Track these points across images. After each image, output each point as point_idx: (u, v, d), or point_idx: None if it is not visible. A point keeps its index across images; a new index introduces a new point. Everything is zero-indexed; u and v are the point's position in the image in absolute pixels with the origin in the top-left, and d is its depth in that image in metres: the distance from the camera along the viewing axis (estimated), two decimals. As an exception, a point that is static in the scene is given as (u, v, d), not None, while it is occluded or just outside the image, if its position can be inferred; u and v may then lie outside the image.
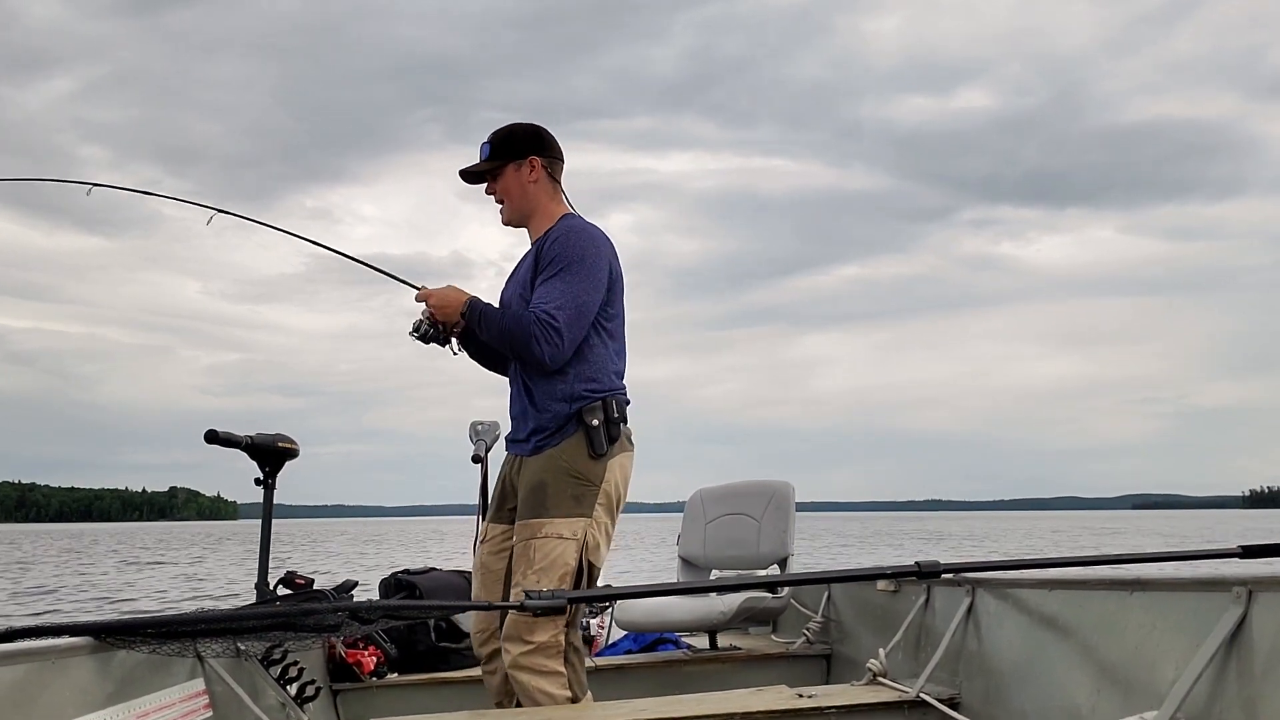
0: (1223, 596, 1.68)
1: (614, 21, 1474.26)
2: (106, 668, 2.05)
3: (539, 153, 2.80)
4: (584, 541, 2.60)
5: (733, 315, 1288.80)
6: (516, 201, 2.82)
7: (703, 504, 4.31)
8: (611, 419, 2.66)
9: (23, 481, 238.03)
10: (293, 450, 3.28)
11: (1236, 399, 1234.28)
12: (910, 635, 2.94)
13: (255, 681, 2.67)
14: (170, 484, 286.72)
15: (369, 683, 3.40)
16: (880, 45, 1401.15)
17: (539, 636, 2.55)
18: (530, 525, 2.62)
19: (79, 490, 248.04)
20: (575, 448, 2.64)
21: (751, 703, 2.51)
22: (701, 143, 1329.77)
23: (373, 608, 2.32)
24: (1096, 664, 2.04)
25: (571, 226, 2.72)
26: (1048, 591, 2.30)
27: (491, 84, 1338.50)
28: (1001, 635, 2.48)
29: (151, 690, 2.17)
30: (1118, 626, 1.99)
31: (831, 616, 3.81)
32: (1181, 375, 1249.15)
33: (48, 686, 1.85)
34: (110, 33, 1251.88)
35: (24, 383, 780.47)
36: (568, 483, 2.62)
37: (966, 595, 2.65)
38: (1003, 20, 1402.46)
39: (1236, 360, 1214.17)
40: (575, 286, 2.61)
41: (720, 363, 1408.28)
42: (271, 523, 3.27)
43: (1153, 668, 1.84)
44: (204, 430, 2.99)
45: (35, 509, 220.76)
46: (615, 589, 3.24)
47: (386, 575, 3.85)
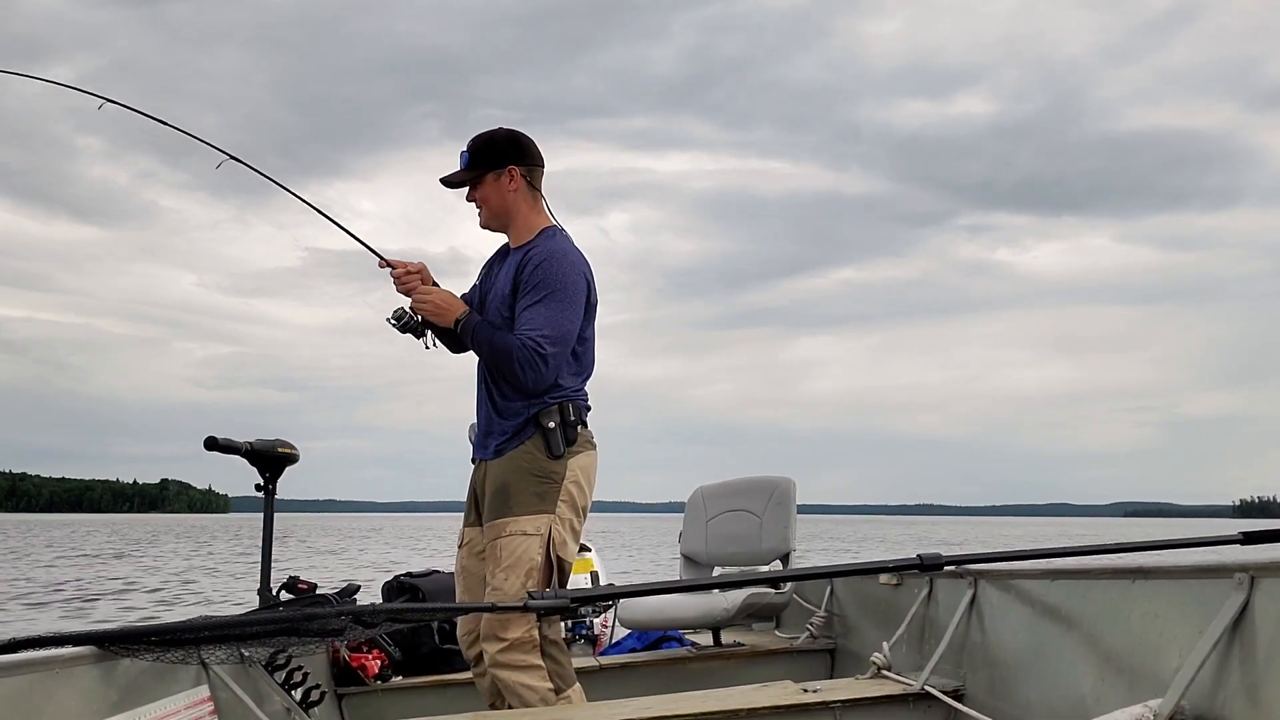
0: (1225, 583, 1.68)
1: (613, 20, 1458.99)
2: (110, 676, 2.05)
3: (518, 161, 2.85)
4: (549, 537, 2.68)
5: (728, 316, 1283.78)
6: (495, 210, 2.88)
7: (704, 501, 4.32)
8: (568, 421, 2.75)
9: (13, 471, 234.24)
10: (292, 456, 3.29)
11: (1227, 409, 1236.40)
12: (914, 628, 2.94)
13: (260, 687, 2.67)
14: (161, 476, 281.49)
15: (373, 686, 3.41)
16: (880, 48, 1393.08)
17: (512, 633, 2.62)
18: (495, 525, 2.72)
19: (69, 481, 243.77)
20: (533, 449, 2.73)
21: (756, 698, 2.51)
22: (699, 143, 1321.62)
23: (376, 611, 2.33)
24: (1100, 653, 2.04)
25: (554, 251, 2.77)
26: (1050, 581, 2.31)
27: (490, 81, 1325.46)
28: (1005, 626, 2.48)
29: (156, 698, 2.17)
30: (1121, 615, 1.99)
31: (835, 611, 3.81)
32: (1173, 384, 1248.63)
33: (52, 696, 1.85)
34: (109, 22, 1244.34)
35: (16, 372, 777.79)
36: (529, 481, 2.71)
37: (969, 587, 2.65)
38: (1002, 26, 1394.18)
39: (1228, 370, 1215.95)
40: (559, 315, 2.70)
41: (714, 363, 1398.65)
42: (273, 528, 3.27)
43: (1156, 656, 1.84)
44: (201, 432, 3.03)
45: (26, 499, 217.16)
46: (618, 588, 3.25)
47: (389, 579, 3.86)
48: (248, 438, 3.19)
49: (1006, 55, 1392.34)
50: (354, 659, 3.40)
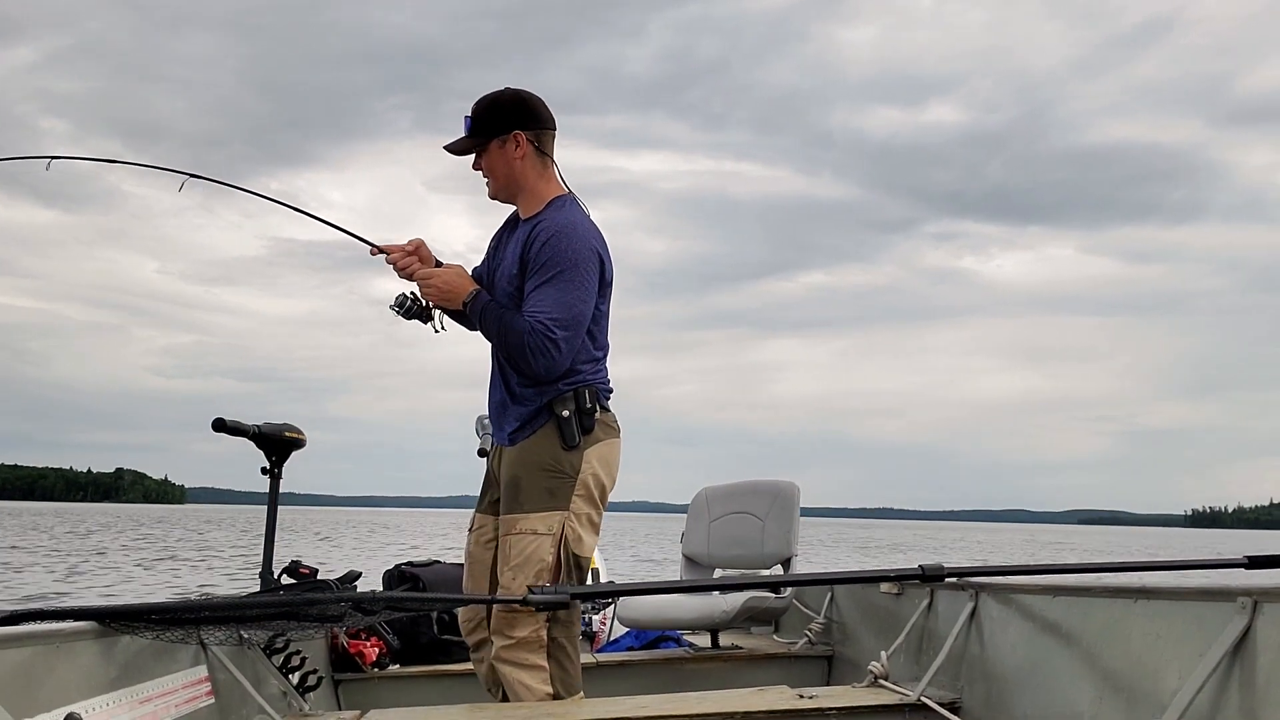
0: (1227, 607, 1.67)
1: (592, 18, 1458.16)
2: (110, 652, 2.06)
3: (524, 125, 2.65)
4: (561, 536, 2.57)
5: (698, 317, 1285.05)
6: (502, 180, 2.70)
7: (707, 502, 4.31)
8: (584, 409, 2.61)
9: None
10: (299, 440, 3.29)
11: (1183, 421, 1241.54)
12: (912, 638, 2.93)
13: (258, 670, 2.68)
14: (117, 465, 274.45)
15: (371, 673, 3.41)
16: (855, 55, 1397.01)
17: (519, 632, 2.55)
18: (506, 521, 2.62)
19: (21, 469, 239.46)
20: (547, 440, 2.60)
21: (752, 702, 2.51)
22: (674, 144, 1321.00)
23: (376, 599, 2.33)
24: (1099, 671, 2.03)
25: (563, 225, 2.60)
26: (1051, 597, 2.30)
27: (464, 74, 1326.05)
28: (1004, 640, 2.47)
29: (155, 676, 2.18)
30: (1121, 634, 1.98)
31: (834, 618, 3.80)
32: (1132, 395, 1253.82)
33: (52, 670, 1.86)
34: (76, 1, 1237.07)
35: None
36: (540, 476, 2.58)
37: (970, 599, 2.64)
38: (977, 36, 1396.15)
39: (1185, 383, 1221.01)
40: (570, 295, 2.55)
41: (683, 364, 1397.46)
42: (277, 512, 3.28)
43: (1156, 676, 1.83)
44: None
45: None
46: (618, 585, 3.25)
47: (390, 567, 3.87)
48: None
49: (980, 66, 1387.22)
50: (352, 646, 3.41)
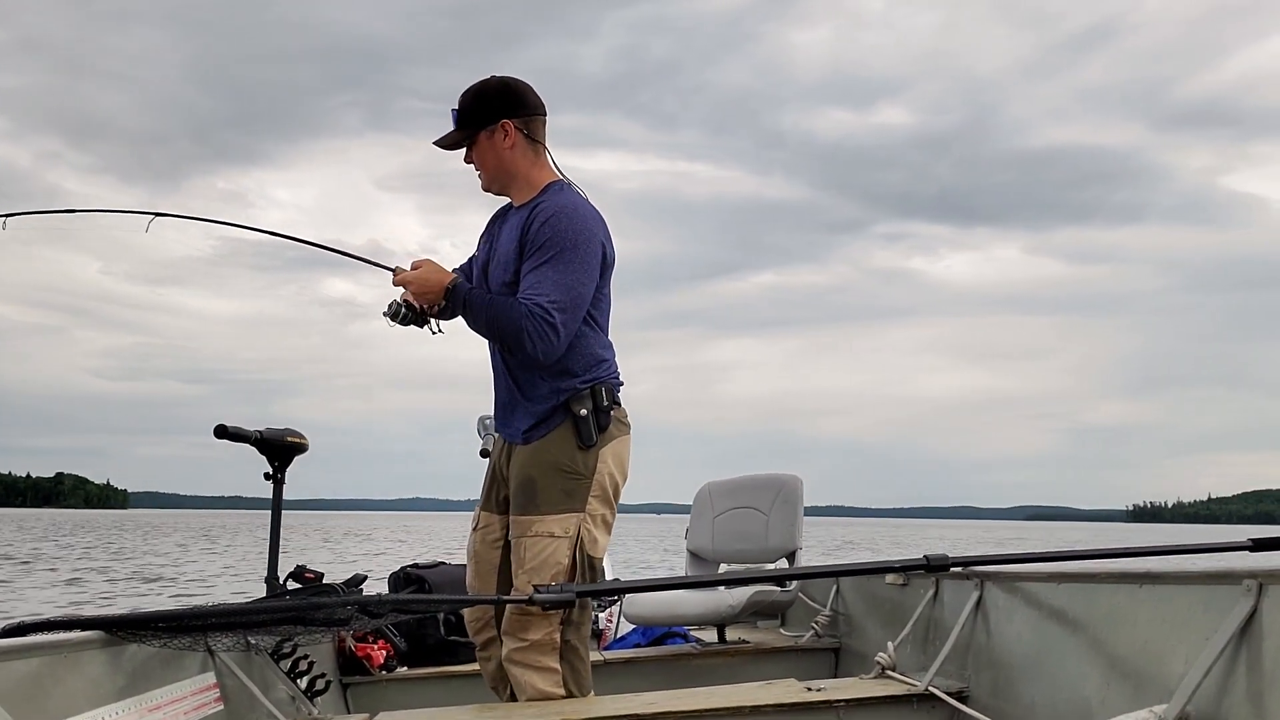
0: (1233, 590, 1.67)
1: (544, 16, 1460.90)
2: (118, 661, 2.06)
3: (512, 113, 2.59)
4: (577, 538, 2.54)
5: (651, 317, 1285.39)
6: (493, 171, 2.65)
7: (711, 497, 4.31)
8: (601, 407, 2.57)
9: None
10: (302, 445, 3.29)
11: (1125, 418, 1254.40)
12: (919, 628, 2.94)
13: (265, 675, 2.68)
14: (57, 470, 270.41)
15: (378, 676, 3.42)
16: (806, 57, 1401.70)
17: (533, 634, 2.52)
18: (520, 522, 2.57)
19: None
20: (563, 439, 2.55)
21: (760, 696, 2.51)
22: (626, 143, 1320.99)
23: (382, 601, 2.33)
24: (1105, 657, 2.03)
25: (562, 206, 2.55)
26: (1056, 585, 2.30)
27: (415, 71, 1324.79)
28: (1010, 628, 2.47)
29: (163, 684, 2.18)
30: (1127, 620, 1.98)
31: (840, 610, 3.81)
32: (1075, 393, 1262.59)
33: (60, 680, 1.86)
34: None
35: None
36: (557, 477, 2.54)
37: (975, 589, 2.65)
38: (927, 40, 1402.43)
39: (1127, 381, 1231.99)
40: (569, 276, 2.47)
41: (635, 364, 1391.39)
42: (281, 517, 3.28)
43: (1162, 661, 1.83)
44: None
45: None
46: (623, 583, 3.25)
47: (395, 569, 3.87)
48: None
49: (929, 69, 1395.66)
50: (359, 649, 3.42)
